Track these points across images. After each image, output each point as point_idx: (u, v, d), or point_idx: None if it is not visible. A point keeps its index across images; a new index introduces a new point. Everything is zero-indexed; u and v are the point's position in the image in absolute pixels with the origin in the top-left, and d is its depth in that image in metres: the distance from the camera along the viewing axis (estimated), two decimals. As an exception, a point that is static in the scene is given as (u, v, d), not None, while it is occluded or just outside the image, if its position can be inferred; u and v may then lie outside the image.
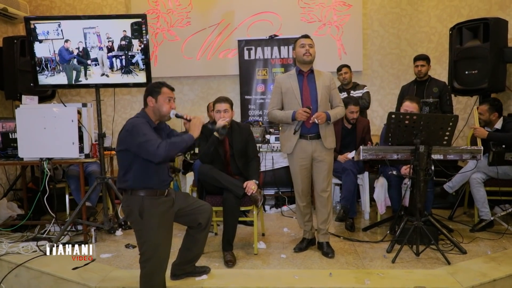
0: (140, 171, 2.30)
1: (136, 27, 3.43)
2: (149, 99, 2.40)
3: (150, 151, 2.21)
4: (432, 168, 3.25)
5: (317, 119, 3.00)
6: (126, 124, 2.30)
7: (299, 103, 3.09)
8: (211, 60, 5.75)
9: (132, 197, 2.32)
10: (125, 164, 2.30)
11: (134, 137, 2.23)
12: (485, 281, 2.67)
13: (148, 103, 2.40)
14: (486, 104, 3.81)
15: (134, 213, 2.30)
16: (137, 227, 2.34)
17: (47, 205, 3.54)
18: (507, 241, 3.40)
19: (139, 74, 3.52)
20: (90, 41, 3.46)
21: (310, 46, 3.08)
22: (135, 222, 2.33)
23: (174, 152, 2.30)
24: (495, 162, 3.58)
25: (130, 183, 2.31)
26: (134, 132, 2.24)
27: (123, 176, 2.32)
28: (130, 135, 2.24)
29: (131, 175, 2.30)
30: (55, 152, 3.49)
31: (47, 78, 3.52)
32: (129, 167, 2.30)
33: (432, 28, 5.52)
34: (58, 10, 5.87)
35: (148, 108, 2.41)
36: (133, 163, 2.29)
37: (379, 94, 5.72)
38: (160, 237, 2.34)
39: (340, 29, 5.59)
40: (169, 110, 2.41)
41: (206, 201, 3.29)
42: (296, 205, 3.33)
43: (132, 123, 2.28)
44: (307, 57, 3.06)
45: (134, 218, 2.31)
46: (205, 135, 3.23)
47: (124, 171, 2.31)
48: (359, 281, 2.68)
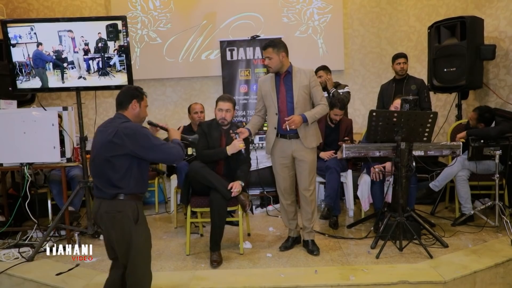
0: (138, 176, 2.24)
1: (111, 29, 3.40)
2: (134, 103, 2.31)
3: (173, 153, 2.26)
4: (414, 164, 3.31)
5: (289, 125, 2.99)
6: (124, 128, 2.18)
7: (275, 105, 3.11)
8: (193, 61, 5.73)
9: (127, 202, 2.20)
10: (122, 169, 2.18)
11: (144, 140, 2.17)
12: (466, 273, 2.73)
13: (130, 107, 2.32)
14: (475, 113, 3.85)
15: (126, 218, 2.18)
16: (126, 235, 2.18)
17: (29, 211, 3.48)
18: (486, 234, 3.48)
19: (116, 76, 3.49)
20: (65, 44, 3.42)
21: (269, 59, 3.06)
22: (124, 230, 2.18)
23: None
24: (474, 157, 3.67)
25: (131, 188, 2.20)
26: (141, 136, 2.17)
27: (118, 181, 2.18)
28: (135, 139, 2.15)
29: (132, 180, 2.21)
30: (36, 157, 3.43)
31: (22, 83, 3.46)
32: (128, 172, 2.20)
33: (411, 27, 5.61)
34: (36, 12, 5.76)
35: (128, 111, 2.32)
36: (132, 167, 2.21)
37: (360, 93, 5.79)
38: (149, 241, 2.30)
39: (321, 29, 5.64)
40: (145, 115, 2.41)
41: (192, 202, 3.31)
42: (280, 203, 3.36)
43: (132, 127, 2.20)
44: (269, 69, 3.12)
45: (126, 225, 2.18)
46: (204, 133, 3.33)
47: (120, 176, 2.18)
48: (344, 278, 2.72)
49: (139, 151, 2.18)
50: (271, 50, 3.04)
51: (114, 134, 2.17)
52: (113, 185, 2.19)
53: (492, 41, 4.54)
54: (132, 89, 2.39)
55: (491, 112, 3.87)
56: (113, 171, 2.18)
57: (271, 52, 3.05)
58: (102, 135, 2.23)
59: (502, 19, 4.52)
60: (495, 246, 3.19)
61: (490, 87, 4.62)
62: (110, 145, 2.17)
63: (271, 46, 3.05)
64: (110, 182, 2.19)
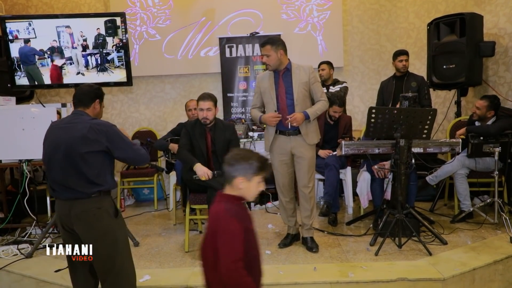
0: (112, 172, 2.27)
1: (109, 25, 3.40)
2: (97, 102, 2.31)
3: (142, 154, 2.29)
4: (413, 161, 3.31)
5: (291, 122, 3.01)
6: (96, 124, 2.16)
7: (274, 102, 3.11)
8: (192, 58, 5.71)
9: (101, 198, 2.16)
10: (98, 165, 2.15)
11: (117, 138, 2.18)
12: (465, 270, 2.74)
13: (93, 106, 2.29)
14: (486, 100, 3.74)
15: (105, 214, 2.16)
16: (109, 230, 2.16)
17: (28, 208, 3.48)
18: (485, 231, 3.48)
19: (115, 72, 3.49)
20: (64, 40, 3.41)
21: (267, 56, 3.06)
22: (105, 226, 2.15)
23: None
24: (474, 154, 3.67)
25: (110, 184, 2.21)
26: (114, 134, 2.18)
27: (97, 178, 2.14)
28: (108, 136, 2.16)
29: (109, 176, 2.21)
30: (34, 154, 3.42)
31: (20, 79, 3.45)
32: (104, 168, 2.18)
33: (411, 23, 5.60)
34: (35, 9, 5.74)
35: (90, 110, 2.28)
36: (106, 163, 2.20)
37: (360, 90, 5.78)
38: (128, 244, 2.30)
39: (321, 25, 5.62)
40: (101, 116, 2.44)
41: (190, 200, 3.30)
42: (279, 200, 3.36)
43: (105, 124, 2.21)
44: (267, 67, 3.13)
45: (106, 221, 2.16)
46: (188, 133, 3.33)
47: (97, 172, 2.15)
48: (343, 275, 2.72)
49: (111, 147, 2.18)
50: (269, 47, 3.03)
51: (88, 130, 2.12)
52: (91, 182, 2.13)
53: (492, 38, 4.53)
54: (96, 88, 2.36)
55: (498, 99, 3.83)
56: (88, 168, 2.12)
57: (269, 50, 3.04)
58: (67, 132, 2.15)
59: (501, 16, 4.51)
60: (494, 243, 3.19)
61: (490, 84, 4.61)
62: (84, 141, 2.11)
63: (269, 43, 3.04)
64: (87, 180, 2.13)
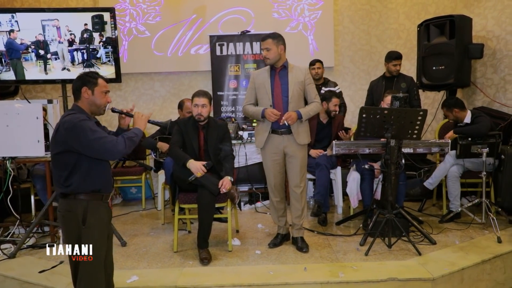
0: (86, 173, 2.07)
1: (97, 20, 3.33)
2: (84, 90, 2.11)
3: (108, 148, 2.02)
4: (403, 161, 3.32)
5: (286, 120, 3.01)
6: (63, 123, 2.02)
7: (269, 98, 3.09)
8: (182, 55, 5.65)
9: (75, 201, 2.05)
10: (68, 167, 2.04)
11: (80, 135, 1.99)
12: (454, 270, 2.76)
13: (82, 95, 2.12)
14: (444, 108, 3.95)
15: (74, 219, 2.03)
16: (73, 238, 2.04)
17: (11, 207, 3.39)
18: (473, 231, 3.51)
19: (101, 68, 3.42)
20: (49, 34, 3.32)
21: (267, 50, 3.05)
22: (72, 231, 2.04)
23: (132, 147, 2.13)
24: (462, 155, 3.69)
25: (74, 187, 2.04)
26: (78, 130, 1.99)
27: (65, 180, 2.05)
28: (73, 134, 1.99)
29: (77, 177, 2.05)
30: (18, 151, 3.34)
31: (1, 73, 3.35)
32: (74, 169, 2.05)
33: (401, 25, 5.63)
34: (21, 2, 5.61)
35: (82, 100, 2.13)
36: (78, 164, 2.05)
37: (350, 90, 5.79)
38: (102, 249, 2.10)
39: (312, 25, 5.62)
40: (105, 102, 2.20)
41: (180, 199, 3.26)
42: (270, 200, 3.33)
43: (71, 120, 2.00)
44: (266, 60, 3.10)
45: (73, 226, 2.03)
46: (181, 130, 3.29)
47: (67, 174, 2.05)
48: (334, 275, 2.71)
49: (78, 146, 2.00)
50: (271, 41, 3.04)
51: (57, 130, 2.03)
52: (61, 183, 2.05)
53: (480, 40, 4.58)
54: (82, 75, 2.18)
55: (452, 97, 4.11)
56: (59, 169, 2.04)
57: (270, 43, 3.04)
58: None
59: (490, 19, 4.56)
60: (481, 243, 3.22)
61: (478, 85, 4.66)
62: (54, 141, 2.04)
63: (271, 37, 3.05)
64: (59, 180, 2.06)
